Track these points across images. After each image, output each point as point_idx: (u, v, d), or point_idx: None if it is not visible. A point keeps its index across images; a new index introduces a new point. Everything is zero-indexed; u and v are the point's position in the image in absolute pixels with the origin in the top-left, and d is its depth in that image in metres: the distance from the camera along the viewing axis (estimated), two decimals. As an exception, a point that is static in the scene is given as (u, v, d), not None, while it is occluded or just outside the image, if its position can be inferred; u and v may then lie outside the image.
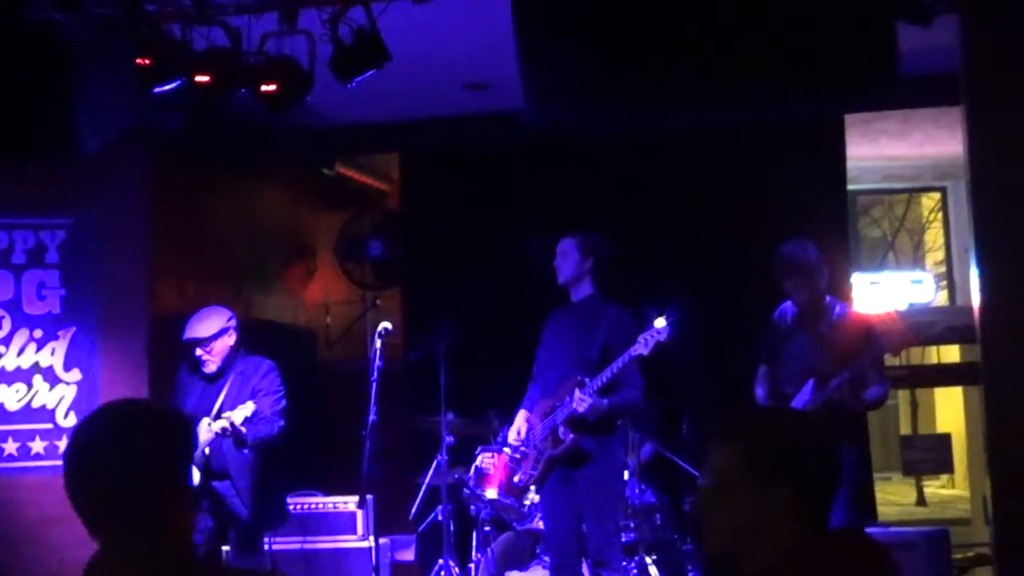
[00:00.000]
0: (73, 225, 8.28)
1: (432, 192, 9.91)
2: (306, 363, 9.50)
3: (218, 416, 6.80)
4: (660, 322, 6.49)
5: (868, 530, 7.36)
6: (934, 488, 22.10)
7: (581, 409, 6.55)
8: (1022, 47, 5.66)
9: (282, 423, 7.00)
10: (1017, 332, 5.61)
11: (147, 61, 6.04)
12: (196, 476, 6.88)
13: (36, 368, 8.23)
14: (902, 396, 20.98)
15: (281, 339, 8.06)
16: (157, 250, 8.43)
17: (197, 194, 8.98)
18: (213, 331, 7.06)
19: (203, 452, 6.86)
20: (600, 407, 6.60)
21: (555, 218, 8.49)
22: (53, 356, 8.23)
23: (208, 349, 7.04)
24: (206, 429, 6.80)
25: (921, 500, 20.77)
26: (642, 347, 6.49)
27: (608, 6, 5.52)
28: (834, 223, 9.08)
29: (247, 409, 6.77)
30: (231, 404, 6.84)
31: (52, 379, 8.23)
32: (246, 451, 6.95)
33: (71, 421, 8.17)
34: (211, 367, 7.07)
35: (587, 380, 6.60)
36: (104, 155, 6.76)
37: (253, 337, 7.40)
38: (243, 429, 6.73)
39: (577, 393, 6.58)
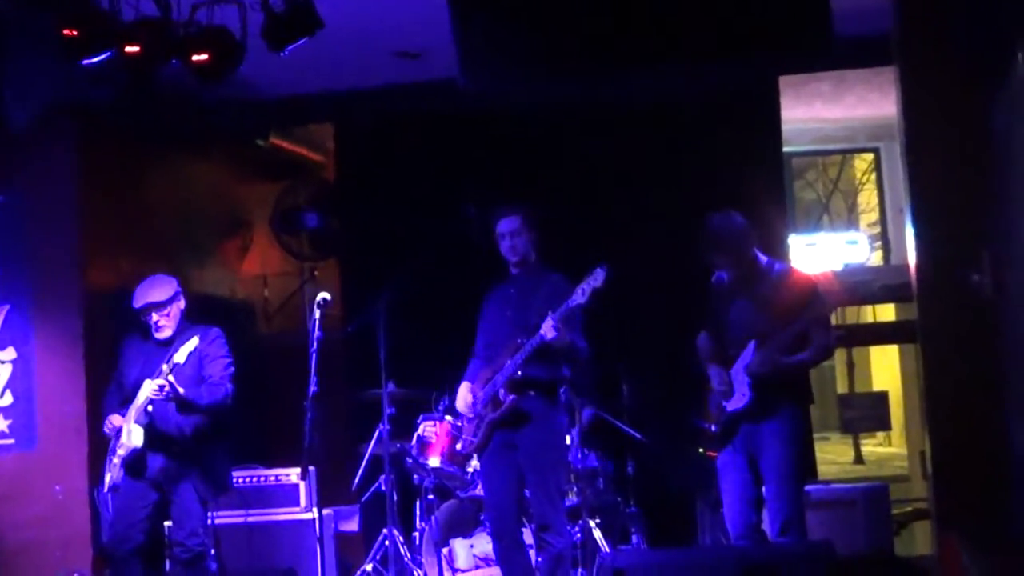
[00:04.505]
0: (3, 203, 8.18)
1: (367, 162, 9.87)
2: (245, 337, 9.43)
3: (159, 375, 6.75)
4: (597, 272, 6.43)
5: (809, 488, 7.43)
6: (871, 446, 22.41)
7: (550, 335, 6.41)
8: (954, 7, 5.70)
9: (231, 387, 6.97)
10: (953, 289, 5.67)
11: (74, 32, 5.94)
12: (140, 438, 6.81)
13: (-30, 348, 8.14)
14: (838, 356, 21.22)
15: (219, 313, 7.97)
16: (90, 226, 8.33)
17: (129, 169, 8.87)
18: (169, 294, 7.05)
19: (146, 411, 6.81)
20: (566, 339, 6.47)
21: (491, 187, 8.49)
22: (-13, 335, 8.15)
23: (166, 313, 7.02)
24: (148, 387, 6.74)
25: (859, 458, 21.06)
26: (580, 296, 6.41)
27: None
28: (770, 186, 9.11)
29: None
30: (179, 371, 6.77)
31: (-14, 359, 8.15)
32: (196, 416, 6.89)
33: (7, 400, 8.09)
34: (167, 332, 7.03)
35: (550, 314, 6.40)
36: (33, 131, 6.67)
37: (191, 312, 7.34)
38: (181, 389, 6.68)
39: (548, 322, 6.40)
